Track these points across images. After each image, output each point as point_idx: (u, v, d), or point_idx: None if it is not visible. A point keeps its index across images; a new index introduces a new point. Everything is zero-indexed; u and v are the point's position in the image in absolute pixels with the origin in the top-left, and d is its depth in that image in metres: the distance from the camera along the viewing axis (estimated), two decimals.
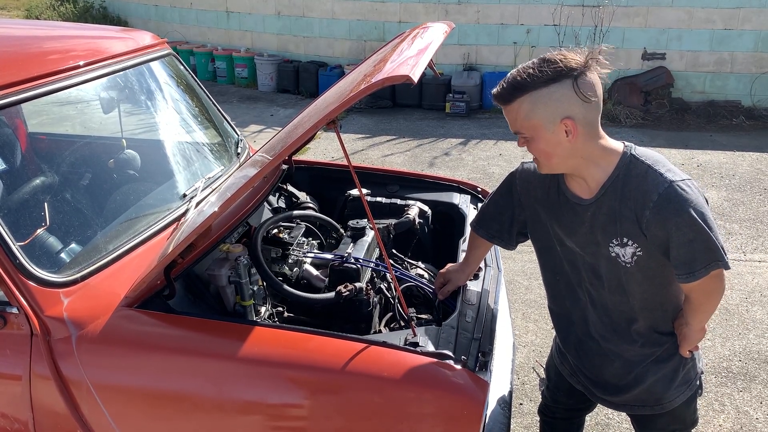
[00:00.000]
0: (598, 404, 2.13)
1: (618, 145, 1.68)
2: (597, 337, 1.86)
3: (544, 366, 2.34)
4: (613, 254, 1.70)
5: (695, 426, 2.00)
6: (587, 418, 2.45)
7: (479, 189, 2.78)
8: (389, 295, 2.15)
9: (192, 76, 2.76)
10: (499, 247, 2.37)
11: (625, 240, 1.67)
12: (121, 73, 2.27)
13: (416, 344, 1.64)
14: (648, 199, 1.59)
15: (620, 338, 1.83)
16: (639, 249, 1.66)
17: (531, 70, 1.56)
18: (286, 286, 2.02)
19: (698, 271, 1.61)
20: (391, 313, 2.12)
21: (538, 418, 2.87)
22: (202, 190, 2.26)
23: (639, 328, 1.80)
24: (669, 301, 1.79)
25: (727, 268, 1.62)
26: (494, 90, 1.65)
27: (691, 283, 1.63)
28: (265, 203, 2.51)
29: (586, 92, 1.54)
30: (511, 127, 1.66)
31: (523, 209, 1.91)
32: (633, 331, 1.81)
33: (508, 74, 1.63)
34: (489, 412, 1.85)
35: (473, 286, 2.03)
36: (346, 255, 2.09)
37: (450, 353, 1.60)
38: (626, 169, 1.65)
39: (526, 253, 4.40)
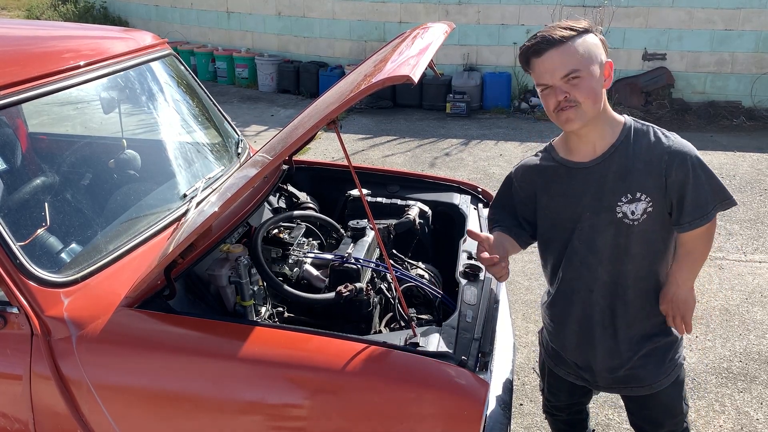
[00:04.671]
0: (592, 404, 2.13)
1: (619, 116, 1.83)
2: (597, 318, 1.89)
3: (539, 371, 2.34)
4: (620, 215, 1.76)
5: (687, 412, 2.05)
6: None
7: (480, 189, 2.78)
8: (389, 296, 2.15)
9: (192, 77, 2.77)
10: None
11: (638, 195, 1.74)
12: (122, 73, 2.27)
13: (416, 344, 1.64)
14: (663, 146, 1.73)
15: (616, 316, 1.87)
16: (651, 204, 1.74)
17: (566, 24, 1.71)
18: (286, 287, 2.02)
19: (711, 212, 1.74)
20: (391, 314, 2.12)
21: (538, 419, 2.87)
22: (202, 191, 2.26)
23: (633, 300, 1.85)
24: (662, 272, 1.86)
25: (736, 203, 1.78)
26: (540, 37, 1.69)
27: (697, 229, 1.75)
28: (266, 203, 2.51)
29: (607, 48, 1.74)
30: (561, 71, 1.67)
31: (525, 205, 1.95)
32: (629, 306, 1.86)
33: (543, 30, 1.72)
34: (489, 412, 1.85)
35: (473, 287, 2.03)
36: (346, 255, 2.09)
37: (450, 353, 1.61)
38: (630, 131, 1.79)
39: (526, 254, 4.39)
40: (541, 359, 2.25)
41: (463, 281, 2.04)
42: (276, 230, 2.27)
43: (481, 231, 2.42)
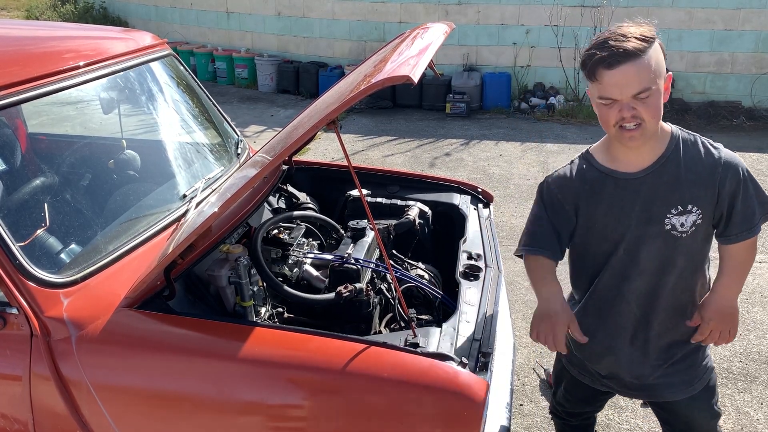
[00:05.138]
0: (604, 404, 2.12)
1: (666, 125, 1.77)
2: (629, 328, 1.86)
3: (551, 377, 2.31)
4: (668, 227, 1.72)
5: (720, 416, 2.02)
6: None
7: (480, 189, 2.78)
8: (389, 296, 2.14)
9: (192, 77, 2.76)
10: (499, 247, 2.38)
11: (689, 207, 1.70)
12: (122, 73, 2.27)
13: (416, 345, 1.64)
14: (715, 157, 1.71)
15: (650, 326, 1.84)
16: (701, 216, 1.71)
17: (638, 33, 1.60)
18: (286, 287, 2.02)
19: (757, 224, 1.73)
20: (391, 314, 2.12)
21: (538, 419, 2.88)
22: (202, 191, 2.26)
23: (668, 310, 1.83)
24: (698, 284, 1.84)
25: None
26: (613, 47, 1.56)
27: (744, 241, 1.74)
28: (265, 204, 2.51)
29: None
30: (634, 88, 1.57)
31: (568, 219, 1.84)
32: (663, 316, 1.83)
33: (613, 37, 1.59)
34: (489, 412, 1.85)
35: (473, 287, 2.03)
36: (346, 256, 2.09)
37: (450, 354, 1.60)
38: (678, 140, 1.74)
39: None
40: (558, 366, 2.22)
41: (463, 281, 2.04)
42: (276, 231, 2.27)
43: (482, 231, 2.42)
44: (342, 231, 2.44)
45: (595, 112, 1.71)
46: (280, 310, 2.10)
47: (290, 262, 2.19)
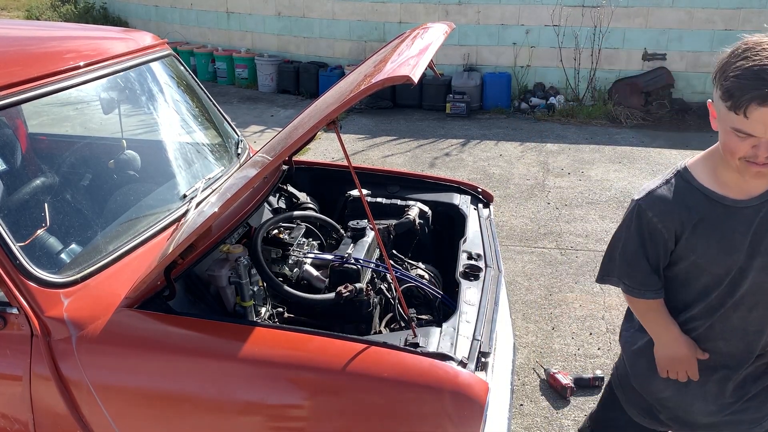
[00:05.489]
0: None
1: None
2: (709, 364, 1.74)
3: (596, 415, 2.16)
4: None
5: None
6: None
7: (480, 189, 2.78)
8: (389, 296, 2.15)
9: (192, 77, 2.77)
10: (499, 247, 2.38)
11: None
12: (122, 73, 2.27)
13: (416, 345, 1.64)
14: None
15: (735, 364, 1.73)
16: None
17: None
18: (286, 287, 2.02)
19: None
20: (391, 314, 2.12)
21: (538, 419, 2.88)
22: (202, 191, 2.26)
23: (761, 346, 1.70)
24: None
25: None
26: None
27: None
28: (266, 204, 2.51)
29: None
30: None
31: (666, 248, 1.66)
32: (753, 352, 1.70)
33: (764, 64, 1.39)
34: (489, 412, 1.85)
35: (473, 287, 2.03)
36: (346, 256, 2.09)
37: (450, 354, 1.61)
38: None
39: (526, 254, 4.40)
40: (608, 402, 2.04)
41: (463, 281, 2.04)
42: (276, 231, 2.27)
43: (482, 231, 2.42)
44: (342, 231, 2.44)
45: (716, 130, 1.54)
46: (280, 310, 2.11)
47: (290, 262, 2.19)
